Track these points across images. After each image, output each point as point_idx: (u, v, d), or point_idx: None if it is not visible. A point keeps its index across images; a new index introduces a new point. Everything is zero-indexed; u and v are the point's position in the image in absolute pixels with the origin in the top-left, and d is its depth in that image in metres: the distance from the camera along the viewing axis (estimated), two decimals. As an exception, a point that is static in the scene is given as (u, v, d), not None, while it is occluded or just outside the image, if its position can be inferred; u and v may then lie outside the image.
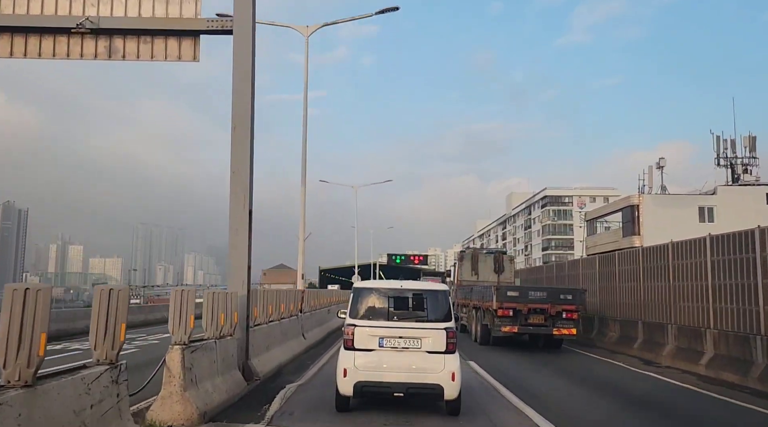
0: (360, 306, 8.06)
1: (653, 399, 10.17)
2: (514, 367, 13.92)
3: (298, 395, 9.35)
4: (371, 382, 7.64)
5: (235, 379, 8.82)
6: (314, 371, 11.97)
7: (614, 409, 9.48)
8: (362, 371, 7.64)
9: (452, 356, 7.72)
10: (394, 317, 7.88)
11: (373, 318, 7.91)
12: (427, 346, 7.69)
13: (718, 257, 13.40)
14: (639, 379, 12.51)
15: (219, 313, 8.47)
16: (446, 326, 7.80)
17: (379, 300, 8.09)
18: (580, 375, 13.09)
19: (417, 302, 8.12)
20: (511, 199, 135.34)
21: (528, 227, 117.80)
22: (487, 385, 10.82)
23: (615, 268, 19.45)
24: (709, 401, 10.13)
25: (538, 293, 17.51)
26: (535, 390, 10.59)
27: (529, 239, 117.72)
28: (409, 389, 7.62)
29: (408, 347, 7.69)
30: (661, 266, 16.16)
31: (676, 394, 10.73)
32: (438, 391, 7.62)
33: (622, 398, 10.40)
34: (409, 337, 7.69)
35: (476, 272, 25.26)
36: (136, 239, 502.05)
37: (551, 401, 9.65)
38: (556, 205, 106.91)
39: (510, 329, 16.85)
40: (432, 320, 7.90)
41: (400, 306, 8.03)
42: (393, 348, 7.69)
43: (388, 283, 8.52)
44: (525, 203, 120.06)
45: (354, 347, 7.76)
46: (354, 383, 7.62)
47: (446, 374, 7.59)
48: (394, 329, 7.74)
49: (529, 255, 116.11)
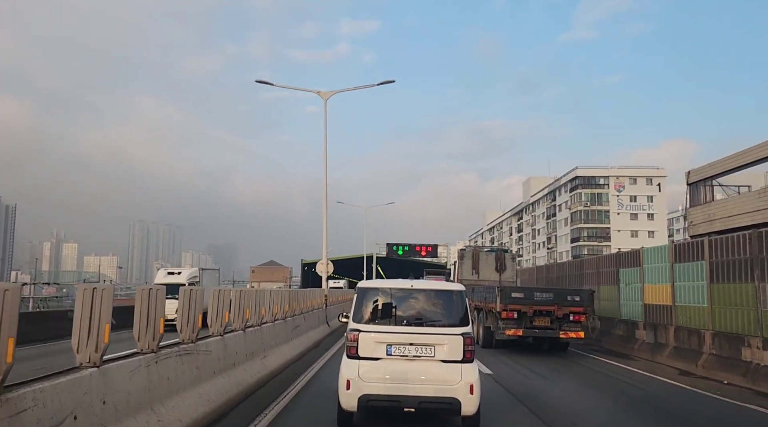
0: (365, 309, 7.34)
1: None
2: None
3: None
4: (378, 395, 6.92)
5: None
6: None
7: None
8: (368, 382, 6.94)
9: (470, 366, 7.02)
10: (404, 322, 7.19)
11: (380, 323, 7.22)
12: (442, 354, 6.98)
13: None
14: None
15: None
16: (463, 331, 7.09)
17: (387, 302, 7.34)
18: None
19: (430, 304, 7.38)
20: (529, 184, 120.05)
21: (551, 216, 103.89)
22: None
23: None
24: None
25: (544, 294, 17.08)
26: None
27: (552, 229, 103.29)
28: (422, 404, 6.90)
29: (420, 355, 6.99)
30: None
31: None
32: (454, 406, 6.87)
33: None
34: (421, 344, 7.00)
35: (477, 270, 24.92)
36: (133, 236, 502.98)
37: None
38: (590, 188, 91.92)
39: (514, 333, 16.51)
40: (447, 324, 7.17)
41: (410, 309, 7.31)
42: (403, 356, 7.00)
43: (396, 282, 7.65)
44: (549, 187, 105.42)
45: (358, 355, 7.06)
46: (358, 397, 6.92)
47: (464, 386, 6.89)
48: (404, 334, 7.05)
49: (553, 248, 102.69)
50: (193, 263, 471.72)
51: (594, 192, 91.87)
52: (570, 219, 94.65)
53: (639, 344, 17.63)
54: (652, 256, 18.07)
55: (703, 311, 14.76)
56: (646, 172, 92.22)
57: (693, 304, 15.35)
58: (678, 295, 16.19)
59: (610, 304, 20.66)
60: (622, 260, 20.41)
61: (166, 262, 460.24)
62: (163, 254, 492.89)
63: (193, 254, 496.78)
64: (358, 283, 7.92)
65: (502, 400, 9.83)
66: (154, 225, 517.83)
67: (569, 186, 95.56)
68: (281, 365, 12.03)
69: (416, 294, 7.45)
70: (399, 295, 7.42)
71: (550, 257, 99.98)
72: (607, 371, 14.23)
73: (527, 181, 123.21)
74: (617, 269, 20.56)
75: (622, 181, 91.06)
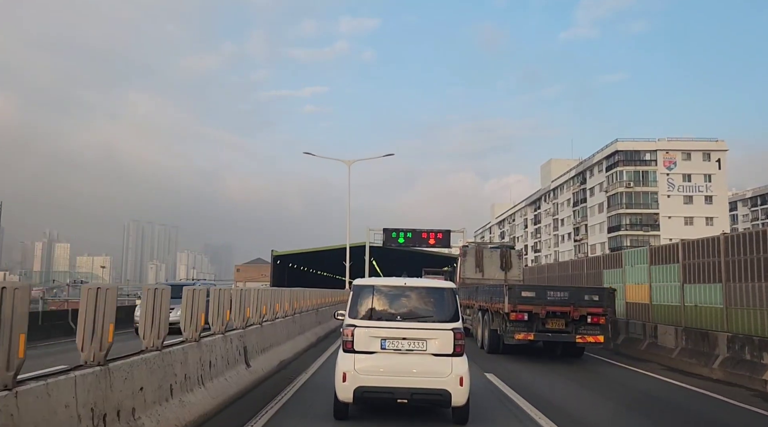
0: (360, 305, 7.83)
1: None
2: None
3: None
4: (373, 387, 7.42)
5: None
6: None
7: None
8: (363, 375, 7.43)
9: (460, 359, 7.53)
10: (398, 317, 7.69)
11: (374, 318, 7.70)
12: (433, 348, 7.49)
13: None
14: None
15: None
16: (454, 326, 7.60)
17: (381, 299, 7.88)
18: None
19: (422, 301, 7.90)
20: (549, 168, 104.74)
21: (580, 202, 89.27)
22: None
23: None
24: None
25: (558, 293, 15.57)
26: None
27: (582, 217, 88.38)
28: (414, 395, 7.41)
29: (412, 349, 7.50)
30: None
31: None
32: (445, 397, 7.40)
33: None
34: (413, 338, 7.51)
35: (481, 269, 24.14)
36: (127, 236, 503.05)
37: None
38: (633, 165, 76.75)
39: (525, 337, 15.21)
40: (438, 320, 7.67)
41: (403, 305, 7.83)
42: (396, 350, 7.51)
43: (390, 280, 8.24)
44: (577, 168, 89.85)
45: (354, 349, 7.55)
46: (354, 389, 7.42)
47: (454, 378, 7.40)
48: (398, 329, 7.56)
49: (582, 240, 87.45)
50: (188, 264, 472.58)
51: (638, 170, 76.32)
52: (606, 204, 79.95)
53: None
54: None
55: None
56: (702, 145, 76.13)
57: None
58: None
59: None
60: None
61: (162, 262, 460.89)
62: (159, 255, 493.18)
63: (188, 255, 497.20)
64: (354, 281, 8.39)
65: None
66: (150, 225, 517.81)
67: (605, 165, 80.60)
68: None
69: (409, 292, 7.96)
70: (393, 292, 7.95)
71: (579, 251, 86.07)
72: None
73: (546, 165, 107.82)
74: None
75: (673, 157, 75.64)
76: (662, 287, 17.18)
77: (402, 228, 46.61)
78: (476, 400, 8.59)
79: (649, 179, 76.26)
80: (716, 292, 14.32)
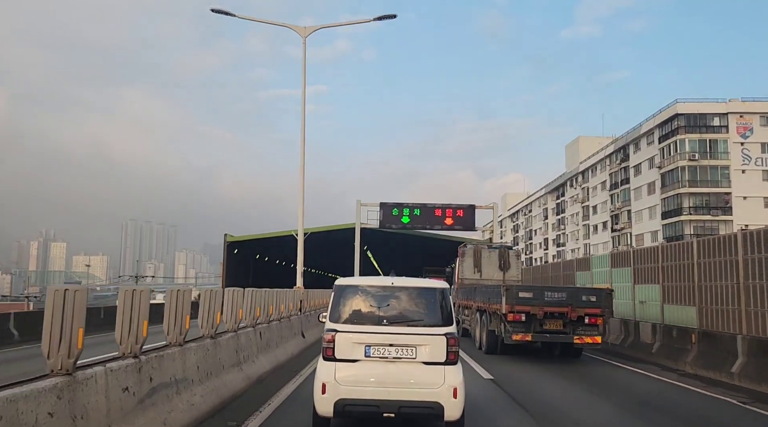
0: (342, 308, 7.13)
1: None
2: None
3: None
4: (356, 400, 6.73)
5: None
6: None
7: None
8: (345, 386, 6.74)
9: (454, 368, 6.85)
10: (384, 321, 6.99)
11: (358, 322, 7.00)
12: (424, 355, 6.80)
13: None
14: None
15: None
16: (446, 331, 6.91)
17: (366, 300, 7.17)
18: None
19: (412, 303, 7.17)
20: (577, 147, 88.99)
21: (621, 184, 73.52)
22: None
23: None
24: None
25: (555, 293, 16.01)
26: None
27: (623, 201, 72.84)
28: (402, 409, 6.71)
29: (400, 356, 6.80)
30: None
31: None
32: (437, 410, 6.71)
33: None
34: (401, 344, 6.81)
35: (479, 269, 24.15)
36: (125, 235, 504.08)
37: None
38: (697, 132, 60.17)
39: (522, 337, 15.51)
40: (430, 324, 6.99)
41: (391, 308, 7.12)
42: (382, 358, 6.80)
43: (376, 280, 7.52)
44: (618, 142, 73.94)
45: (335, 357, 6.85)
46: (335, 402, 6.71)
47: (447, 389, 6.71)
48: (384, 335, 6.86)
49: (624, 230, 72.11)
50: (187, 263, 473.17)
51: (704, 138, 59.91)
52: (660, 183, 63.74)
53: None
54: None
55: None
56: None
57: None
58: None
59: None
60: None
61: (160, 262, 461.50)
62: (157, 254, 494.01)
63: (187, 254, 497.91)
64: (336, 280, 7.63)
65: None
66: (148, 224, 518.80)
67: (657, 134, 64.15)
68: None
69: (397, 292, 7.25)
70: (379, 293, 7.25)
71: (619, 242, 72.17)
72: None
73: (573, 144, 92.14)
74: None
75: (748, 121, 59.61)
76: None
77: (407, 203, 35.81)
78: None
79: (718, 150, 60.20)
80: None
